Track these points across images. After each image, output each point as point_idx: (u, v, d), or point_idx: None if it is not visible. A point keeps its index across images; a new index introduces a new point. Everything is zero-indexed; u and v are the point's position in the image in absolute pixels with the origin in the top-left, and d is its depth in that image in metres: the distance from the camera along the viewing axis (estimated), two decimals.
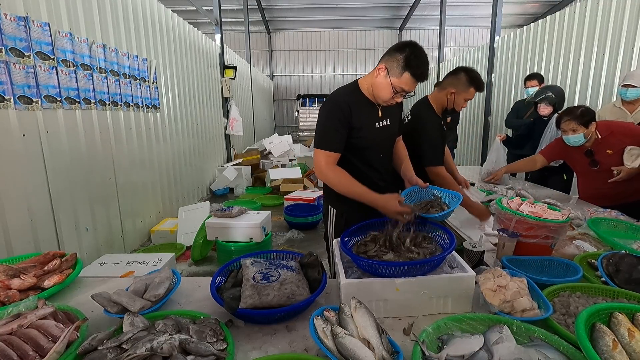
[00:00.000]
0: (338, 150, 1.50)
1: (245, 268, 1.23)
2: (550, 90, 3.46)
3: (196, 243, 3.10)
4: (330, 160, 1.49)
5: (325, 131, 1.50)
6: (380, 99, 1.48)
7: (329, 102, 1.53)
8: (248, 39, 9.32)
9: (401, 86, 1.39)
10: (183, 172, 4.85)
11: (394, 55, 1.39)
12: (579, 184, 2.58)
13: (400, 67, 1.36)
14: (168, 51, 4.43)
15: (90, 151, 2.93)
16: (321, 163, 1.49)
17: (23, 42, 2.29)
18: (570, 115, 2.24)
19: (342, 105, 1.47)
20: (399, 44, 1.41)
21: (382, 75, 1.41)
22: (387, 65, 1.40)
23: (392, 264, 1.15)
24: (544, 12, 11.47)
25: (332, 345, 0.85)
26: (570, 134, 2.25)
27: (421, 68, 1.36)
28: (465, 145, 7.57)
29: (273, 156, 7.51)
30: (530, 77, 4.08)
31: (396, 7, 11.71)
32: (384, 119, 1.59)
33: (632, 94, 2.86)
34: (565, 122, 2.26)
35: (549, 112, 3.36)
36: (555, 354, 0.83)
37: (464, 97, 1.94)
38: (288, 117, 14.61)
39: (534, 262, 1.36)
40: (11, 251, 2.19)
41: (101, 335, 0.91)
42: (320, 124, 1.52)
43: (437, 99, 2.02)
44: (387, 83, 1.40)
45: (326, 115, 1.50)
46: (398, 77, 1.38)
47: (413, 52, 1.35)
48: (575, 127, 2.22)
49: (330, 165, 1.49)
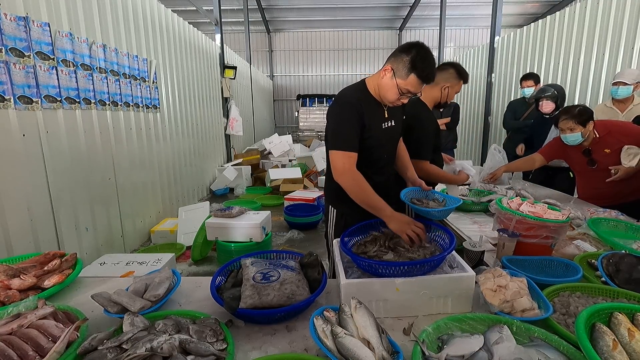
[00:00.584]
0: (356, 150, 1.45)
1: (245, 268, 1.23)
2: (551, 87, 3.47)
3: (196, 243, 3.10)
4: (351, 161, 1.43)
5: (341, 131, 1.45)
6: (387, 100, 1.47)
7: (340, 101, 1.49)
8: (248, 39, 9.32)
9: (407, 88, 1.38)
10: (183, 172, 4.85)
11: (400, 56, 1.37)
12: (578, 184, 2.59)
13: (407, 69, 1.35)
14: (168, 51, 4.43)
15: (90, 151, 2.93)
16: (343, 165, 1.43)
17: (23, 42, 2.29)
18: (567, 114, 2.24)
19: (355, 103, 1.45)
20: (405, 45, 1.39)
21: (388, 76, 1.40)
22: (393, 67, 1.39)
23: (392, 264, 1.15)
24: (544, 12, 11.46)
25: (332, 345, 0.85)
26: (568, 133, 2.25)
27: (427, 70, 1.36)
28: (465, 145, 7.57)
29: (273, 156, 7.51)
30: (526, 77, 4.08)
31: (396, 7, 11.70)
32: (390, 119, 1.58)
33: (622, 92, 2.87)
34: (563, 121, 2.26)
35: (552, 109, 3.36)
36: (555, 354, 0.83)
37: (456, 90, 2.02)
38: (288, 117, 14.61)
39: (534, 262, 1.36)
40: (11, 251, 2.19)
41: (101, 335, 0.91)
42: (334, 124, 1.47)
43: (430, 95, 2.03)
44: (393, 84, 1.39)
45: (340, 114, 1.47)
46: (404, 79, 1.37)
47: (419, 54, 1.34)
48: (573, 126, 2.22)
49: (351, 168, 1.43)
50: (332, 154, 1.46)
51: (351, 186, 1.44)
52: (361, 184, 1.42)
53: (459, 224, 2.01)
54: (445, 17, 9.07)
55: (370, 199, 1.41)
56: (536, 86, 4.04)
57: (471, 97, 7.32)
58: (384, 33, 13.68)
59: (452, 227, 1.97)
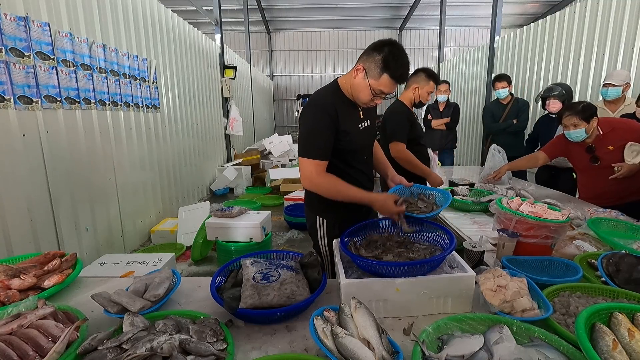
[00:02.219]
0: (327, 158, 1.40)
1: (245, 268, 1.23)
2: (559, 86, 3.47)
3: (196, 243, 3.10)
4: (320, 169, 1.38)
5: (312, 138, 1.38)
6: (360, 101, 1.41)
7: (313, 105, 1.41)
8: (248, 39, 9.32)
9: (380, 88, 1.32)
10: (183, 172, 4.85)
11: (371, 55, 1.30)
12: (580, 182, 2.57)
13: (379, 69, 1.29)
14: (168, 51, 4.43)
15: (90, 151, 2.93)
16: (311, 173, 1.37)
17: (23, 42, 2.29)
18: (571, 110, 2.24)
19: (329, 108, 1.37)
20: (377, 42, 1.32)
21: (360, 76, 1.33)
22: (365, 66, 1.32)
23: (392, 264, 1.15)
24: (544, 12, 11.47)
25: (332, 345, 0.84)
26: (572, 129, 2.25)
27: (400, 70, 1.30)
28: (465, 145, 7.57)
29: (273, 156, 7.52)
30: (499, 79, 4.09)
31: (396, 7, 11.71)
32: (365, 119, 1.53)
33: (612, 94, 2.89)
34: (567, 117, 2.25)
35: (559, 109, 3.36)
36: (555, 354, 0.83)
37: (426, 90, 2.37)
38: (288, 117, 14.62)
39: (534, 262, 1.35)
40: (11, 251, 2.19)
41: (101, 335, 0.91)
42: (306, 129, 1.40)
43: (405, 96, 2.45)
44: (366, 85, 1.33)
45: (312, 119, 1.39)
46: (376, 79, 1.31)
47: (391, 53, 1.27)
48: (577, 122, 2.21)
49: (321, 174, 1.39)
50: (302, 161, 1.40)
51: (324, 186, 1.40)
52: (333, 181, 1.39)
53: (459, 224, 2.01)
54: (445, 17, 9.07)
55: (349, 190, 1.38)
56: (510, 87, 4.05)
57: (471, 97, 7.31)
58: (384, 33, 13.69)
59: (452, 227, 1.97)
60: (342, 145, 1.43)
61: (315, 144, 1.38)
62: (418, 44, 13.72)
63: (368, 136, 1.57)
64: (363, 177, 1.58)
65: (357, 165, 1.54)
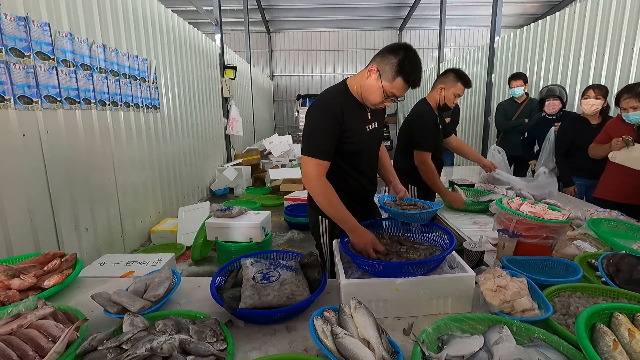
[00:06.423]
0: (329, 159, 1.39)
1: (245, 268, 1.23)
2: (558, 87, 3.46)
3: (196, 243, 3.10)
4: (321, 170, 1.37)
5: (317, 137, 1.38)
6: (369, 102, 1.39)
7: (319, 104, 1.41)
8: (248, 39, 9.33)
9: (392, 91, 1.32)
10: (183, 172, 4.85)
11: (387, 57, 1.30)
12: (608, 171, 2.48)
13: (393, 72, 1.29)
14: (168, 51, 4.43)
15: (90, 151, 2.93)
16: (312, 173, 1.36)
17: (23, 42, 2.29)
18: (630, 92, 2.25)
19: (335, 108, 1.37)
20: (392, 45, 1.33)
21: (374, 77, 1.33)
22: (380, 68, 1.31)
23: (392, 264, 1.15)
24: (544, 12, 11.47)
25: (332, 345, 0.84)
26: (631, 112, 2.26)
27: (414, 74, 1.29)
28: None
29: (273, 156, 7.52)
30: (515, 77, 4.06)
31: (396, 7, 11.71)
32: (373, 121, 1.52)
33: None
34: (626, 100, 2.27)
35: (557, 110, 3.34)
36: (555, 354, 0.83)
37: (453, 92, 2.21)
38: (288, 117, 14.61)
39: (534, 263, 1.35)
40: (11, 251, 2.19)
41: (101, 335, 0.91)
42: (311, 128, 1.39)
43: (432, 97, 2.30)
44: (379, 86, 1.32)
45: (317, 118, 1.38)
46: (390, 82, 1.30)
47: (407, 57, 1.28)
48: (636, 104, 2.23)
49: (321, 177, 1.37)
50: (305, 159, 1.39)
51: (319, 194, 1.37)
52: (329, 194, 1.36)
53: (459, 224, 2.01)
54: (445, 17, 9.07)
55: (336, 209, 1.35)
56: (525, 86, 4.04)
57: (471, 97, 7.31)
58: (384, 33, 13.70)
59: (452, 227, 1.97)
60: (347, 146, 1.43)
61: (318, 144, 1.38)
62: (418, 44, 13.71)
63: (374, 138, 1.56)
64: (365, 180, 1.57)
65: (361, 166, 1.54)
